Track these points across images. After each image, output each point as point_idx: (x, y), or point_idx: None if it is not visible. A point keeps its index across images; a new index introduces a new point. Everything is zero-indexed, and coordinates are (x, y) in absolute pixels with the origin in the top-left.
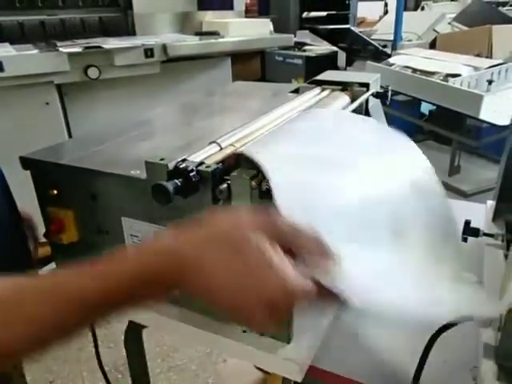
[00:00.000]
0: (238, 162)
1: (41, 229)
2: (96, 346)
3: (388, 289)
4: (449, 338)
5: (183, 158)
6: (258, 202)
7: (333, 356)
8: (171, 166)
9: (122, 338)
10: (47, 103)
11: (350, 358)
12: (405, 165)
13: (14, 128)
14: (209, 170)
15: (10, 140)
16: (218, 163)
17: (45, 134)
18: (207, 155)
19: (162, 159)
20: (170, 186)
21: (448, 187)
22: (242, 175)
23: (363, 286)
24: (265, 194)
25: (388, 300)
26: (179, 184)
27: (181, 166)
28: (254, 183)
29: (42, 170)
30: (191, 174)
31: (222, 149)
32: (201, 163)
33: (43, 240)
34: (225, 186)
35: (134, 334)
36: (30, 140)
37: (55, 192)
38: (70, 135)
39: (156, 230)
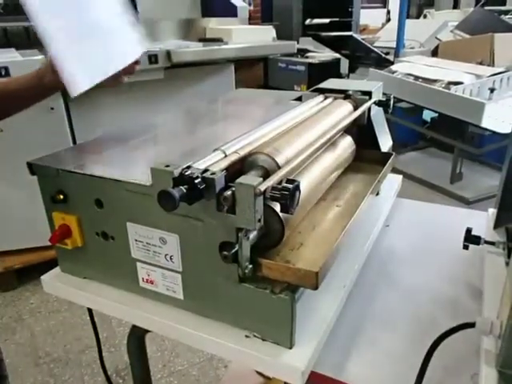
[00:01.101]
0: (243, 168)
1: (47, 234)
2: (100, 351)
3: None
4: (450, 345)
5: (188, 164)
6: (262, 208)
7: (334, 362)
8: (176, 172)
9: (124, 342)
10: (52, 108)
11: (351, 363)
12: None
13: (18, 133)
14: (214, 177)
15: (15, 145)
16: (222, 170)
17: (49, 139)
18: (212, 162)
19: (167, 166)
20: (175, 192)
21: (450, 194)
22: (246, 182)
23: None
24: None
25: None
26: (184, 191)
27: (186, 173)
28: (258, 190)
29: (48, 176)
30: (196, 181)
31: (226, 156)
32: (206, 170)
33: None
34: (229, 192)
35: (136, 338)
36: (35, 145)
37: (61, 197)
38: (74, 140)
39: (161, 235)
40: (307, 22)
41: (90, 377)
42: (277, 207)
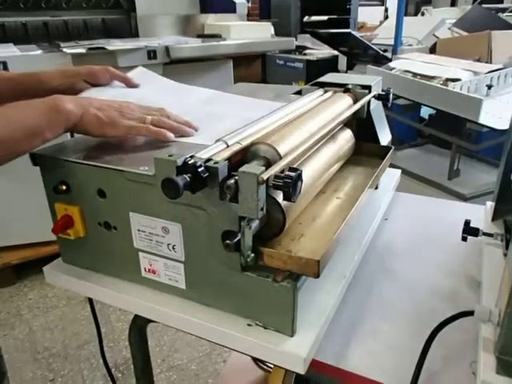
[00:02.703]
0: (246, 158)
1: (45, 229)
2: (100, 342)
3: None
4: (449, 333)
5: (191, 154)
6: (265, 197)
7: (334, 350)
8: (180, 161)
9: (122, 337)
10: None
11: (352, 352)
12: None
13: None
14: (217, 165)
15: None
16: (225, 160)
17: None
18: (214, 152)
19: (170, 155)
20: (179, 180)
21: (447, 190)
22: (249, 171)
23: None
24: (271, 189)
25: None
26: (188, 179)
27: (189, 162)
28: (261, 178)
29: (51, 167)
30: (200, 170)
31: (228, 146)
32: (209, 159)
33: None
34: (232, 181)
35: (138, 329)
36: None
37: (64, 188)
38: (72, 134)
39: (163, 225)
40: (305, 19)
41: (89, 371)
42: (279, 197)
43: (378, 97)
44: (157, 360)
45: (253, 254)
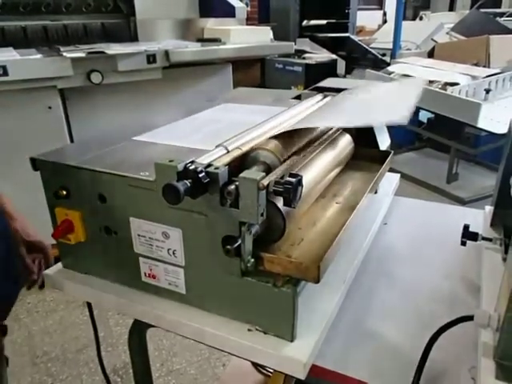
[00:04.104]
0: (246, 163)
1: (44, 233)
2: (98, 346)
3: None
4: (449, 338)
5: (192, 160)
6: (265, 203)
7: (334, 355)
8: (180, 167)
9: (121, 341)
10: (50, 107)
11: (352, 357)
12: None
13: (16, 131)
14: (217, 171)
15: (13, 143)
16: (225, 165)
17: (47, 138)
18: (214, 158)
19: (170, 161)
20: (180, 186)
21: (446, 194)
22: (250, 176)
23: None
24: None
25: None
26: (189, 185)
27: (190, 168)
28: (261, 184)
29: (52, 171)
30: (200, 175)
31: (228, 152)
32: (209, 165)
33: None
34: (233, 187)
35: (137, 334)
36: (32, 143)
37: (64, 193)
38: (71, 139)
39: (164, 230)
40: (304, 23)
41: (88, 376)
42: (278, 202)
43: None
44: (155, 364)
45: (253, 259)
